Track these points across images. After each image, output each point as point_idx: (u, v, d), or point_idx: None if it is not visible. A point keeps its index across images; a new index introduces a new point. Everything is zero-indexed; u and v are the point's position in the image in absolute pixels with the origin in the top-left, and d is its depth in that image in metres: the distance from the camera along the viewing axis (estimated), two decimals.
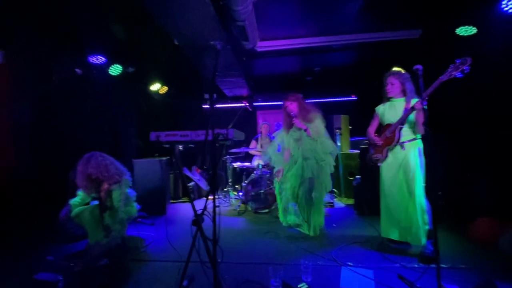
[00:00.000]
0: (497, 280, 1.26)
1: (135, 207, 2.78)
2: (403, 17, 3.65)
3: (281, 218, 3.28)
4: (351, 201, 4.45)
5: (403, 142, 2.46)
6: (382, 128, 2.66)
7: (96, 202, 2.60)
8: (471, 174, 3.28)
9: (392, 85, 2.55)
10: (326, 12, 3.55)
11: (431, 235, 2.36)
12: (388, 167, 2.55)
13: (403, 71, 2.57)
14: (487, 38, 3.18)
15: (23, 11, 2.79)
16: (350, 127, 5.35)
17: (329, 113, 5.63)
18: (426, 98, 2.20)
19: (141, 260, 2.46)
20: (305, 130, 3.04)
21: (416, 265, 2.21)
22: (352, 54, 4.81)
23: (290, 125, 3.14)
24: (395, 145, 2.48)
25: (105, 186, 2.52)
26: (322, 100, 6.92)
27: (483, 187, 3.11)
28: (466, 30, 3.36)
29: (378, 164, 2.63)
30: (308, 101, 7.00)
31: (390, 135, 2.51)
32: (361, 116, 5.77)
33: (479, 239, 2.64)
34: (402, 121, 2.43)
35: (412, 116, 2.39)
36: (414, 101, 2.44)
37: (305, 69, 5.72)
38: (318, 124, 3.08)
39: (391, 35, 3.93)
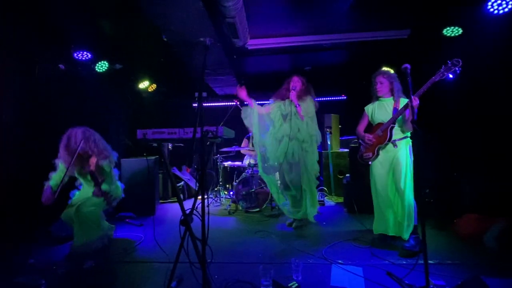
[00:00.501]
0: (483, 275, 1.27)
1: (120, 187, 2.73)
2: (392, 16, 3.69)
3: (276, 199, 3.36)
4: (341, 199, 4.49)
5: (395, 140, 2.49)
6: (373, 127, 2.67)
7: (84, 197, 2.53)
8: (459, 172, 3.36)
9: (381, 84, 2.59)
10: (316, 10, 3.56)
11: (415, 230, 2.43)
12: (379, 165, 2.57)
13: (391, 71, 2.62)
14: (472, 38, 3.25)
15: (4, 4, 2.67)
16: (340, 126, 5.40)
17: (319, 112, 5.68)
18: (417, 97, 2.24)
19: (128, 261, 2.40)
20: (296, 106, 3.02)
21: (404, 262, 2.23)
22: (342, 53, 4.85)
23: (283, 98, 3.15)
24: (387, 144, 2.51)
25: (94, 160, 2.45)
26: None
27: (470, 185, 3.19)
28: (452, 31, 3.43)
29: (369, 163, 2.65)
30: None
31: (382, 133, 2.54)
32: (350, 115, 5.86)
33: (465, 235, 2.70)
34: (395, 119, 2.46)
35: (403, 115, 2.44)
36: (403, 100, 2.49)
37: (296, 68, 5.72)
38: (309, 103, 3.08)
39: (380, 34, 3.97)
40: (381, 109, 2.61)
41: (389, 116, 2.50)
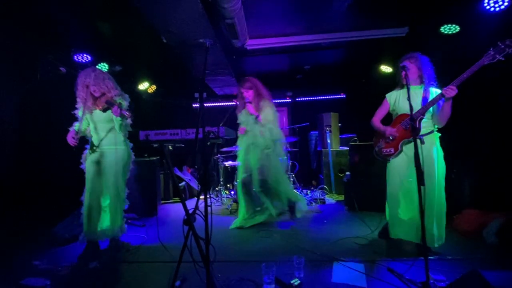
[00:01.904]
0: (482, 269, 1.30)
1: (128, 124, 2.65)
2: (390, 15, 3.71)
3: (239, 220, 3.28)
4: (341, 198, 4.52)
5: (423, 135, 2.17)
6: (394, 118, 2.38)
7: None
8: (458, 168, 3.38)
9: (408, 70, 2.18)
10: (315, 10, 3.58)
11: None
12: (404, 163, 2.25)
13: (421, 55, 2.28)
14: (469, 36, 3.27)
15: (4, 7, 2.69)
16: (340, 124, 5.42)
17: (319, 111, 5.72)
18: (457, 85, 1.97)
19: (132, 261, 2.42)
20: (257, 117, 3.09)
21: (405, 258, 2.26)
22: (340, 52, 4.87)
23: (242, 108, 3.25)
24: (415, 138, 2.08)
25: (109, 95, 2.43)
26: (312, 98, 6.98)
27: (469, 180, 3.22)
28: (449, 29, 3.45)
29: (389, 159, 2.34)
30: (299, 99, 7.14)
31: (408, 126, 2.20)
32: (350, 114, 5.90)
33: (465, 230, 2.73)
34: (425, 111, 2.13)
35: (434, 106, 2.14)
36: (432, 90, 2.20)
37: (295, 67, 5.75)
38: (268, 111, 3.12)
39: (378, 33, 3.99)
40: (407, 98, 2.15)
41: (417, 106, 2.14)
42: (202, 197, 1.78)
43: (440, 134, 2.26)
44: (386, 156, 2.35)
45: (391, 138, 2.30)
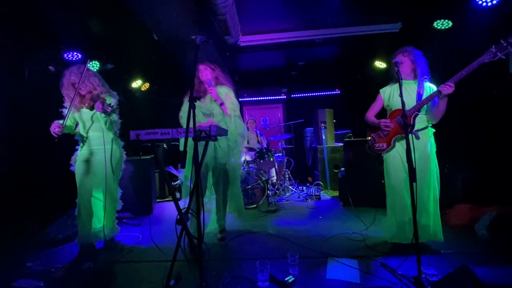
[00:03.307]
0: (472, 264, 1.32)
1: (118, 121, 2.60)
2: (383, 10, 3.71)
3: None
4: (336, 193, 4.55)
5: (417, 131, 2.14)
6: (388, 114, 2.34)
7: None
8: (450, 163, 3.41)
9: (402, 64, 2.16)
10: (308, 5, 3.56)
11: None
12: (400, 160, 2.21)
13: (414, 49, 2.24)
14: (462, 31, 3.29)
15: None
16: (335, 120, 5.44)
17: (314, 107, 5.73)
18: (455, 82, 1.93)
19: (126, 261, 2.41)
20: (221, 105, 2.60)
21: (397, 253, 2.28)
22: (334, 48, 4.87)
23: (201, 94, 2.63)
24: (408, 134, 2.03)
25: (95, 93, 2.37)
26: (307, 94, 6.98)
27: (461, 175, 3.25)
28: (442, 24, 3.46)
29: (382, 154, 2.33)
30: (294, 95, 7.13)
31: (402, 123, 2.15)
32: (344, 110, 5.92)
33: (457, 225, 2.77)
34: (421, 107, 2.10)
35: (429, 102, 2.11)
36: (427, 85, 2.19)
37: (290, 63, 5.74)
38: (233, 98, 2.65)
39: (372, 28, 3.99)
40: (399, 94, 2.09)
41: (412, 101, 2.13)
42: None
43: (434, 130, 2.25)
44: (378, 151, 2.32)
45: (387, 129, 2.25)
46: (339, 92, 6.82)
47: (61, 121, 2.35)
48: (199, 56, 1.83)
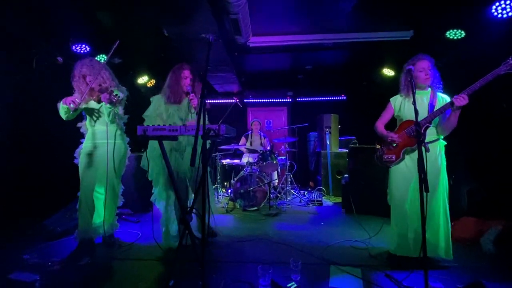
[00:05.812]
0: (484, 279, 1.27)
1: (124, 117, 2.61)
2: (395, 18, 3.68)
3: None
4: (339, 200, 4.50)
5: (428, 143, 2.07)
6: (399, 124, 2.25)
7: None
8: (456, 175, 3.37)
9: (426, 71, 2.09)
10: (319, 9, 3.53)
11: None
12: (407, 172, 2.15)
13: (430, 57, 2.17)
14: (475, 42, 3.24)
15: None
16: (340, 126, 5.40)
17: (319, 111, 5.69)
18: (469, 94, 1.87)
19: (125, 258, 2.37)
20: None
21: (402, 265, 2.23)
22: (343, 53, 4.84)
23: (178, 98, 2.54)
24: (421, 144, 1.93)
25: (104, 86, 2.34)
26: (313, 98, 6.95)
27: (467, 188, 3.20)
28: (455, 34, 3.43)
29: (390, 166, 2.26)
30: (300, 99, 7.10)
31: (413, 134, 2.10)
32: (350, 116, 5.88)
33: (462, 238, 2.71)
34: (432, 119, 2.03)
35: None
36: (440, 95, 2.12)
37: (297, 67, 5.72)
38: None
39: (383, 35, 3.96)
40: (412, 102, 1.97)
41: (423, 111, 2.06)
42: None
43: (446, 143, 2.17)
44: (386, 163, 2.25)
45: (393, 144, 2.20)
46: (345, 97, 6.78)
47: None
48: (193, 56, 1.80)
